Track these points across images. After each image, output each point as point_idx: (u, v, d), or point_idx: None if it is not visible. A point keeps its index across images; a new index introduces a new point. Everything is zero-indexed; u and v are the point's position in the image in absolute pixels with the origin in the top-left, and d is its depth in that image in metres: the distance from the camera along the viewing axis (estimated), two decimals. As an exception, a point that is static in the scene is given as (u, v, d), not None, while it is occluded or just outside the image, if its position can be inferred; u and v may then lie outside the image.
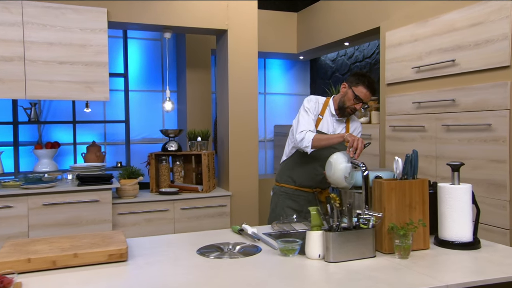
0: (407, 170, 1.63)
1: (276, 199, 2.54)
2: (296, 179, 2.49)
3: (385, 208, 1.56)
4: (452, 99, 2.75)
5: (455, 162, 1.68)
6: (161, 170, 3.88)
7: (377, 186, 1.60)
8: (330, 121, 2.50)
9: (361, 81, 2.37)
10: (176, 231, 3.64)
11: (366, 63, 4.69)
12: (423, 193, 1.62)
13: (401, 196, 1.58)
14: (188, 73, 4.69)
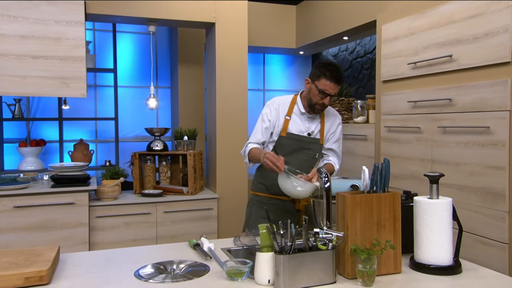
0: (376, 182, 1.42)
1: (250, 209, 2.36)
2: (270, 186, 2.28)
3: (348, 226, 1.36)
4: (449, 98, 2.52)
5: (433, 173, 1.46)
6: (145, 171, 3.72)
7: (340, 200, 1.40)
8: (300, 120, 2.30)
9: (322, 73, 2.16)
10: (158, 236, 3.48)
11: (368, 59, 4.45)
12: (394, 209, 1.41)
13: (367, 212, 1.38)
14: (180, 69, 4.52)
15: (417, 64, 2.79)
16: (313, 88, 2.21)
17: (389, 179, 1.44)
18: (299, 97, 2.33)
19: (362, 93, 4.51)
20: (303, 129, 2.30)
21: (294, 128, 2.28)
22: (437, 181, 1.45)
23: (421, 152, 2.76)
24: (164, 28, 4.82)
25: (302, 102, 2.32)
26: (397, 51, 2.98)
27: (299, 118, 2.31)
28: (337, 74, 2.18)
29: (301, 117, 2.31)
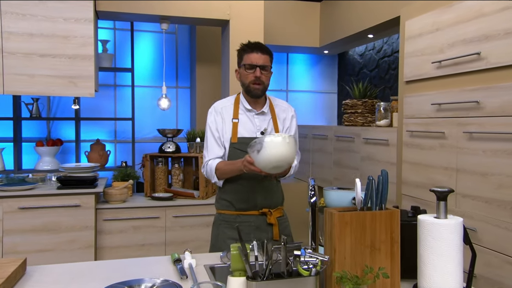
0: (371, 197, 1.22)
1: (215, 230, 2.13)
2: (235, 202, 2.06)
3: (336, 248, 1.17)
4: (476, 100, 2.26)
5: (441, 188, 1.24)
6: (157, 173, 3.61)
7: (327, 217, 1.21)
8: (249, 120, 2.09)
9: (241, 51, 2.07)
10: (167, 241, 3.36)
11: (395, 58, 4.18)
12: (392, 230, 1.21)
13: (359, 233, 1.18)
14: (198, 69, 4.41)
15: (442, 63, 2.54)
16: (241, 71, 2.08)
17: (387, 194, 1.24)
18: (242, 95, 2.14)
19: (388, 94, 4.25)
20: (254, 129, 2.08)
21: (245, 131, 2.06)
22: (446, 198, 1.23)
23: (445, 160, 2.51)
24: (184, 27, 4.73)
25: (245, 98, 2.12)
26: (421, 48, 2.74)
27: (247, 118, 2.09)
28: (255, 43, 2.06)
29: (250, 116, 2.10)
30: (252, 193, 2.05)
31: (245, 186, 2.03)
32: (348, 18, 4.05)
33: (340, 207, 1.28)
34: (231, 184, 2.05)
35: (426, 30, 2.69)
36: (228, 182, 2.06)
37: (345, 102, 3.97)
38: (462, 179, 2.38)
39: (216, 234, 2.12)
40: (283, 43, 4.67)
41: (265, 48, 2.06)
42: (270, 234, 2.08)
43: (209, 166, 2.03)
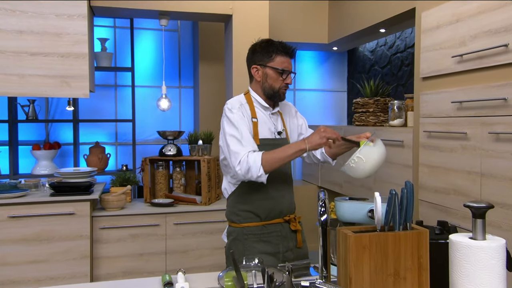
0: (393, 214, 1.01)
1: (240, 245, 1.86)
2: (260, 212, 1.85)
3: (352, 278, 0.96)
4: (504, 98, 2.04)
5: (477, 203, 1.03)
6: (156, 178, 3.43)
7: (341, 240, 1.00)
8: (268, 119, 1.91)
9: (273, 51, 1.83)
10: (168, 250, 3.17)
11: (409, 54, 3.96)
12: (420, 254, 1.00)
13: (380, 259, 0.98)
14: (201, 67, 4.22)
15: (463, 56, 2.32)
16: (269, 72, 1.85)
17: (412, 211, 1.03)
18: (253, 93, 1.92)
19: (401, 92, 4.03)
20: (273, 129, 1.90)
21: (265, 131, 1.86)
22: (484, 216, 1.02)
23: (468, 163, 2.29)
24: (187, 24, 4.54)
25: (260, 96, 1.91)
26: (440, 42, 2.52)
27: (265, 117, 1.90)
28: (288, 46, 1.87)
29: (266, 115, 1.91)
30: (276, 199, 1.87)
31: (269, 193, 1.85)
32: (358, 12, 3.83)
33: (356, 226, 1.07)
34: (253, 192, 1.86)
35: (445, 21, 2.47)
36: (248, 191, 1.86)
37: (355, 101, 3.76)
38: (487, 185, 2.16)
39: (241, 250, 1.85)
40: (289, 40, 4.46)
41: (294, 50, 1.91)
42: (294, 242, 1.91)
43: (252, 158, 1.69)
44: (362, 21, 3.78)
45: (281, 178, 1.88)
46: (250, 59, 1.91)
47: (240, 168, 1.69)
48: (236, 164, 1.71)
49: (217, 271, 3.31)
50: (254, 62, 1.88)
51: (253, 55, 1.89)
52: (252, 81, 1.93)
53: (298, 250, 1.93)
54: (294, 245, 1.91)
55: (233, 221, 1.90)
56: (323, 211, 1.02)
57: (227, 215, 1.94)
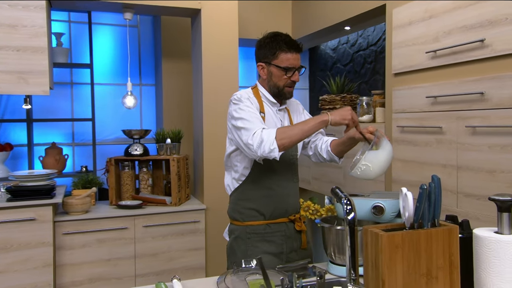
0: (423, 211, 0.94)
1: (243, 245, 1.76)
2: (265, 210, 1.76)
3: (385, 280, 0.88)
4: (481, 92, 2.05)
5: (502, 196, 0.98)
6: (122, 179, 3.22)
7: (371, 240, 0.92)
8: (275, 115, 1.83)
9: (277, 48, 1.74)
10: (137, 254, 2.99)
11: (371, 51, 3.97)
12: (451, 251, 0.94)
13: (412, 259, 0.90)
14: (164, 64, 4.03)
15: (437, 52, 2.32)
16: (274, 70, 1.78)
17: (440, 207, 0.96)
18: (261, 88, 1.84)
19: (365, 89, 4.04)
20: (279, 125, 1.82)
21: (273, 126, 1.77)
22: (510, 209, 0.97)
23: (444, 157, 2.29)
24: (147, 19, 4.33)
25: (268, 92, 1.84)
26: (412, 38, 2.51)
27: (272, 112, 1.83)
28: (293, 41, 1.78)
29: (274, 110, 1.84)
30: (282, 197, 1.78)
31: (274, 190, 1.76)
32: (324, 10, 3.80)
33: (382, 224, 0.99)
34: (257, 190, 1.76)
35: (418, 17, 2.47)
36: (253, 187, 1.76)
37: (322, 98, 3.73)
38: (464, 177, 2.17)
39: (243, 250, 1.75)
40: (251, 37, 4.36)
41: (300, 45, 1.81)
42: (299, 242, 1.82)
43: (266, 132, 1.58)
44: (328, 18, 3.75)
45: (287, 175, 1.79)
46: (256, 56, 1.83)
47: (253, 142, 1.57)
48: (249, 138, 1.58)
49: (189, 273, 3.17)
50: (259, 59, 1.80)
51: (258, 51, 1.81)
52: (260, 77, 1.85)
53: (303, 252, 1.84)
54: (299, 246, 1.83)
55: (235, 219, 1.80)
56: (349, 209, 0.93)
57: (230, 212, 1.84)
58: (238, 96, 1.75)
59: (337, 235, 1.39)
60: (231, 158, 1.82)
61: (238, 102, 1.72)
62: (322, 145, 2.01)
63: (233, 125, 1.69)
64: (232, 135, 1.74)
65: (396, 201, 1.35)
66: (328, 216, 1.58)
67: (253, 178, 1.75)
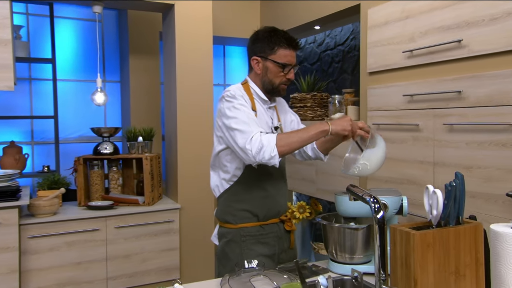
0: (450, 210, 0.92)
1: (237, 248, 1.67)
2: (259, 211, 1.69)
3: (417, 280, 0.84)
4: (458, 90, 2.08)
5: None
6: (91, 179, 3.05)
7: (400, 239, 0.88)
8: (265, 114, 1.75)
9: (277, 43, 1.67)
10: (109, 256, 2.83)
11: (339, 51, 4.00)
12: (477, 249, 0.92)
13: (443, 257, 0.87)
14: (131, 61, 3.86)
15: (414, 52, 2.35)
16: (270, 66, 1.70)
17: (464, 204, 0.94)
18: (252, 84, 1.76)
19: (333, 88, 4.06)
20: (270, 123, 1.76)
21: (263, 125, 1.70)
22: (527, 204, 0.97)
23: (421, 153, 2.32)
24: (111, 14, 4.13)
25: (260, 89, 1.76)
26: (388, 38, 2.53)
27: (263, 110, 1.75)
28: (292, 38, 1.73)
29: (265, 108, 1.76)
30: (275, 197, 1.72)
31: (268, 191, 1.68)
32: (295, 9, 3.77)
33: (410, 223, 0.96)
34: (250, 190, 1.68)
35: (394, 18, 2.49)
36: (245, 188, 1.67)
37: (293, 96, 3.71)
38: (441, 173, 2.21)
39: (237, 253, 1.66)
40: (220, 34, 4.28)
41: (299, 42, 1.76)
42: (288, 242, 1.75)
43: (265, 137, 1.50)
44: (298, 17, 3.73)
45: (279, 176, 1.73)
46: (251, 49, 1.73)
47: (251, 148, 1.47)
48: (246, 142, 1.49)
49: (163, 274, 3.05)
50: (254, 53, 1.71)
51: (254, 45, 1.71)
52: (251, 72, 1.76)
53: (290, 252, 1.79)
54: (288, 246, 1.77)
55: (227, 222, 1.70)
56: (378, 207, 0.89)
57: (220, 214, 1.74)
58: (232, 93, 1.65)
59: (339, 233, 1.35)
60: (219, 157, 1.73)
61: (231, 99, 1.62)
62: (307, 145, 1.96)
63: (226, 124, 1.60)
64: (222, 133, 1.65)
65: (397, 198, 1.34)
66: (327, 214, 1.54)
67: (247, 179, 1.67)
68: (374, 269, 1.16)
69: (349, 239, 1.34)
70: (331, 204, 4.15)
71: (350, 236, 1.34)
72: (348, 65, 3.90)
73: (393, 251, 0.91)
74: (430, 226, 0.93)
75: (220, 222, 1.75)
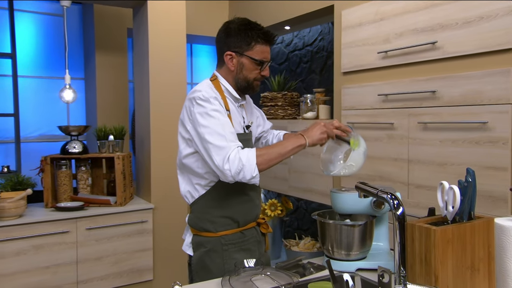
0: (464, 206, 0.92)
1: (218, 258, 1.54)
2: (239, 217, 1.58)
3: (438, 275, 0.84)
4: (433, 90, 2.14)
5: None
6: (59, 179, 2.88)
7: (419, 235, 0.87)
8: (237, 112, 1.65)
9: (254, 39, 1.56)
10: (79, 259, 2.69)
11: (307, 51, 4.02)
12: (489, 243, 0.92)
13: (460, 252, 0.87)
14: (97, 57, 3.69)
15: (388, 53, 2.39)
16: (245, 62, 1.58)
17: (475, 199, 0.95)
18: (224, 81, 1.63)
19: (301, 87, 4.08)
20: (242, 122, 1.67)
21: (236, 125, 1.59)
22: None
23: (395, 151, 2.36)
24: (74, 8, 3.93)
25: (232, 86, 1.64)
26: (363, 38, 2.56)
27: (236, 109, 1.64)
28: (269, 32, 1.61)
29: (236, 106, 1.66)
30: (254, 201, 1.64)
31: (248, 195, 1.59)
32: (266, 8, 3.75)
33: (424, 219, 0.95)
34: (230, 195, 1.56)
35: (368, 19, 2.52)
36: (224, 192, 1.56)
37: (264, 95, 3.69)
38: (415, 170, 2.26)
39: (218, 263, 1.54)
40: (190, 32, 4.18)
41: (275, 37, 1.64)
42: (264, 245, 1.68)
43: (244, 156, 1.39)
44: (269, 18, 3.71)
45: None
46: (223, 43, 1.59)
47: (230, 168, 1.38)
48: (223, 162, 1.38)
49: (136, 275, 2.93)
50: (228, 47, 1.57)
51: (227, 38, 1.57)
52: (221, 67, 1.63)
53: (266, 254, 1.72)
54: (264, 249, 1.70)
55: (206, 230, 1.56)
56: (397, 204, 0.88)
57: (195, 222, 1.59)
58: (204, 95, 1.49)
59: (335, 230, 1.34)
60: (188, 162, 1.57)
61: (204, 103, 1.48)
62: (273, 139, 1.89)
63: (199, 133, 1.47)
64: (191, 137, 1.51)
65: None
66: (321, 211, 1.52)
67: (226, 184, 1.50)
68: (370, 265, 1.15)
69: (345, 236, 1.33)
70: (299, 201, 4.17)
71: (347, 233, 1.33)
72: (317, 66, 3.93)
73: (411, 247, 0.90)
74: (445, 221, 0.93)
75: (194, 230, 1.61)
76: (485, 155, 1.93)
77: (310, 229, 4.03)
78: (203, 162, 1.52)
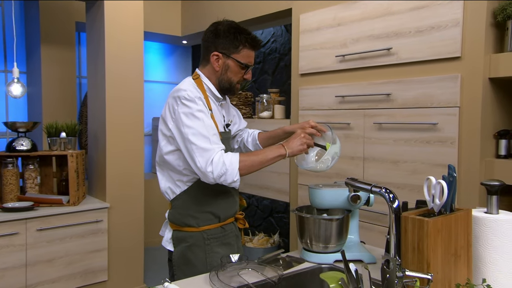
0: (449, 199, 0.99)
1: (201, 253, 1.54)
2: (220, 212, 1.58)
3: (430, 263, 0.90)
4: (388, 93, 2.26)
5: (491, 181, 1.09)
6: (5, 178, 2.68)
7: (412, 226, 0.93)
8: (219, 112, 1.64)
9: (242, 43, 1.56)
10: (29, 261, 2.52)
11: (259, 53, 4.06)
12: (468, 232, 1.01)
13: (447, 241, 0.94)
14: (43, 51, 3.46)
15: (346, 57, 2.49)
16: (231, 64, 1.56)
17: (456, 193, 1.03)
18: (206, 80, 1.60)
19: (253, 88, 4.12)
20: (223, 121, 1.66)
21: (219, 124, 1.58)
22: (497, 192, 1.09)
23: (351, 150, 2.47)
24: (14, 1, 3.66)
25: (214, 86, 1.61)
26: (321, 42, 2.64)
27: (217, 108, 1.63)
28: (257, 38, 1.61)
29: (217, 105, 1.64)
30: (234, 197, 1.61)
31: (229, 191, 1.57)
32: (220, 9, 3.73)
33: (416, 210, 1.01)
34: (212, 191, 1.54)
35: (326, 24, 2.61)
36: (211, 188, 1.53)
37: (218, 94, 3.68)
38: (370, 167, 2.38)
39: (201, 258, 1.52)
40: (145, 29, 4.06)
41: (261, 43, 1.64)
42: (240, 240, 1.68)
43: (228, 160, 1.39)
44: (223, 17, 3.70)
45: None
46: (211, 43, 1.55)
47: (213, 170, 1.38)
48: (206, 164, 1.38)
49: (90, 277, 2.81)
50: (216, 48, 1.54)
51: (216, 39, 1.54)
52: (205, 66, 1.59)
53: (241, 249, 1.74)
54: (241, 243, 1.71)
55: (189, 225, 1.54)
56: (392, 197, 0.93)
57: (177, 218, 1.56)
58: (190, 95, 1.46)
59: (314, 224, 1.38)
60: (170, 159, 1.54)
61: (189, 103, 1.45)
62: (248, 137, 1.91)
63: (183, 133, 1.44)
64: (172, 135, 1.49)
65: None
66: (299, 207, 1.56)
67: (202, 183, 1.50)
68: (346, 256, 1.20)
69: (324, 230, 1.37)
70: (251, 199, 4.21)
71: (325, 227, 1.37)
72: (269, 67, 3.99)
73: (404, 237, 0.96)
74: (431, 213, 1.00)
75: (175, 226, 1.58)
76: (435, 153, 2.08)
77: (262, 225, 4.09)
78: (185, 160, 1.50)
